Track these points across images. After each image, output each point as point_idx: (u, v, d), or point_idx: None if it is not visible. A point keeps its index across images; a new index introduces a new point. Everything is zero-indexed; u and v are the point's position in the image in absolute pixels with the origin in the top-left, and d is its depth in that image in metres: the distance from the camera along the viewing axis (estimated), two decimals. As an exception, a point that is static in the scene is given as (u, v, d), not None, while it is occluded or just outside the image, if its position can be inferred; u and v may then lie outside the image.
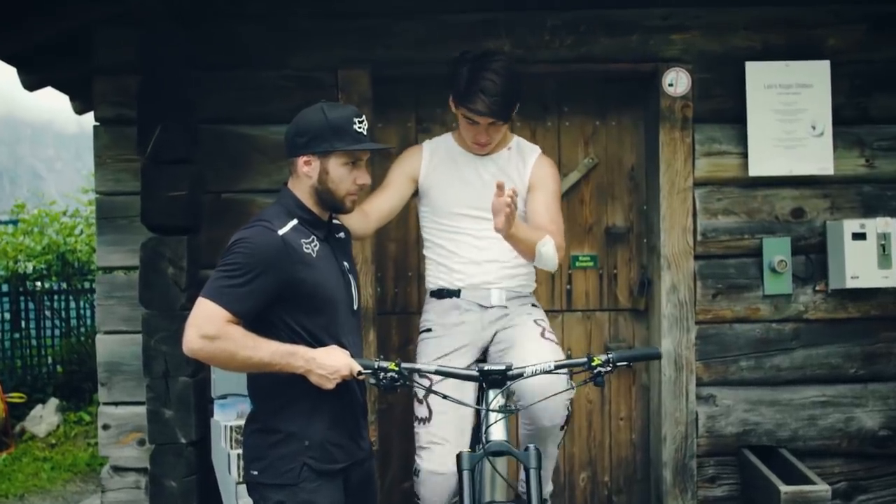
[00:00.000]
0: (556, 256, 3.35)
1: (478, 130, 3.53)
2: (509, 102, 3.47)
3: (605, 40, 4.22)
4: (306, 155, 2.99)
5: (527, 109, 4.31)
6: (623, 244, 4.45)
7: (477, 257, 3.60)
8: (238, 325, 2.86)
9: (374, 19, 4.19)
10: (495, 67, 3.45)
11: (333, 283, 3.04)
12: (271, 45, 4.18)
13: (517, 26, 4.21)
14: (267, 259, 2.86)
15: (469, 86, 3.45)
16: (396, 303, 4.45)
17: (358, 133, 2.98)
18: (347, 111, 3.02)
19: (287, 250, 2.90)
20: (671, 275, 4.21)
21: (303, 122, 3.01)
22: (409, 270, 4.44)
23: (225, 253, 2.92)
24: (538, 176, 3.61)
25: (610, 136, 4.44)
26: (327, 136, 2.96)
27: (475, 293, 3.62)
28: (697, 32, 4.22)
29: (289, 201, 3.05)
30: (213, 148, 4.15)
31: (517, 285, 3.66)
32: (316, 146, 2.98)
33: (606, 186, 4.44)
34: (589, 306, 4.46)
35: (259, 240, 2.89)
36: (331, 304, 3.01)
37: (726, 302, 4.24)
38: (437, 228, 3.68)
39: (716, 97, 4.22)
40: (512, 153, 3.66)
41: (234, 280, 2.85)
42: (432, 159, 3.70)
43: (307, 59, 4.19)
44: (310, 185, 3.01)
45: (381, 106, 4.28)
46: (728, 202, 4.23)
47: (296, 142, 3.00)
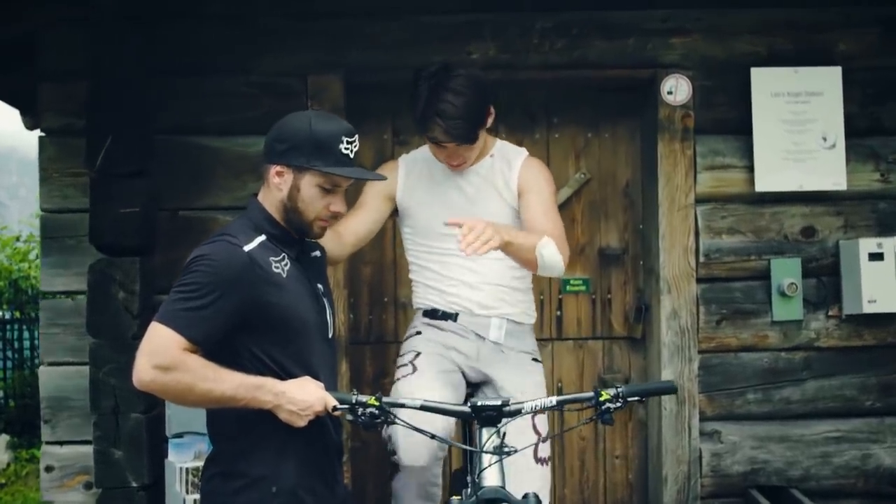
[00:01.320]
0: (560, 258, 3.15)
1: (447, 153, 3.32)
2: (473, 124, 3.25)
3: (599, 44, 4.05)
4: (280, 165, 2.74)
5: (513, 120, 4.17)
6: (618, 266, 4.27)
7: (471, 279, 3.39)
8: (196, 354, 2.60)
9: (348, 20, 4.01)
10: (454, 86, 3.21)
11: (306, 307, 2.79)
12: (235, 48, 3.98)
13: (504, 28, 4.04)
14: (230, 278, 2.61)
15: (426, 110, 3.23)
16: (371, 331, 4.25)
17: (342, 155, 2.74)
18: (337, 127, 2.77)
19: (253, 269, 2.66)
20: (671, 299, 4.03)
21: (286, 127, 2.77)
22: (385, 295, 4.24)
23: (183, 271, 2.66)
24: (526, 179, 3.38)
25: (604, 148, 4.27)
26: (306, 150, 2.72)
27: (473, 321, 3.41)
28: (699, 36, 4.07)
29: (257, 214, 2.80)
30: (171, 160, 3.93)
31: (518, 313, 3.45)
32: (292, 157, 2.73)
33: (600, 203, 4.27)
34: (581, 334, 4.27)
35: (221, 256, 2.64)
36: (303, 331, 2.77)
37: (731, 329, 4.07)
38: (422, 251, 3.48)
39: (719, 106, 4.06)
40: (495, 160, 3.44)
41: (193, 302, 2.59)
42: (409, 176, 3.50)
43: (274, 63, 3.99)
44: (279, 199, 2.78)
45: (355, 116, 3.96)
46: (733, 220, 4.07)
47: (273, 147, 2.77)
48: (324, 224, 2.82)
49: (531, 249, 3.10)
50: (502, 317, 3.41)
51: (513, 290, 3.42)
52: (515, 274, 3.38)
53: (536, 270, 3.19)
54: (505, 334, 3.40)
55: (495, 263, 3.30)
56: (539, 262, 3.13)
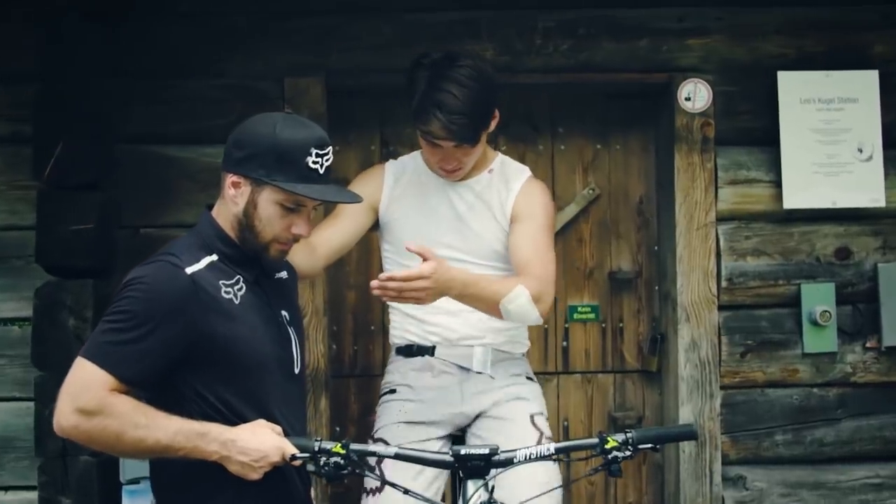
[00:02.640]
0: (533, 310, 2.89)
1: (443, 155, 3.07)
2: (478, 121, 2.99)
3: (608, 45, 3.81)
4: (237, 174, 2.45)
5: (513, 129, 3.93)
6: (630, 292, 4.02)
7: (453, 306, 3.08)
8: (127, 396, 2.32)
9: (330, 17, 3.76)
10: (458, 76, 2.96)
11: (264, 338, 2.50)
12: (204, 48, 3.74)
13: (503, 27, 3.79)
14: (168, 306, 2.33)
15: (423, 100, 2.97)
16: (356, 363, 3.97)
17: (310, 169, 2.43)
18: (306, 135, 2.46)
19: (198, 295, 2.37)
20: (690, 329, 3.77)
21: (247, 131, 2.49)
22: (372, 323, 3.97)
23: (114, 297, 2.38)
24: (523, 205, 3.14)
25: (614, 161, 4.03)
26: (267, 161, 2.42)
27: (453, 351, 3.15)
28: (719, 37, 3.83)
29: (207, 230, 2.52)
30: (131, 172, 3.69)
31: (505, 341, 3.19)
32: (250, 168, 2.44)
33: (610, 222, 4.02)
34: (589, 367, 4.02)
35: (158, 280, 2.35)
36: (258, 367, 2.47)
37: (758, 362, 3.81)
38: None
39: (742, 114, 3.83)
40: (493, 177, 3.20)
41: (124, 334, 2.31)
42: (396, 185, 3.26)
43: (248, 65, 3.74)
44: (234, 214, 2.49)
45: (338, 124, 3.82)
46: (758, 240, 3.82)
47: (231, 153, 2.49)
48: (283, 247, 2.53)
49: (493, 304, 2.87)
50: (487, 346, 3.16)
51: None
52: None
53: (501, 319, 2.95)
54: (491, 365, 3.16)
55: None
56: (505, 317, 2.90)
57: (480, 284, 2.86)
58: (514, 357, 3.23)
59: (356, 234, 3.22)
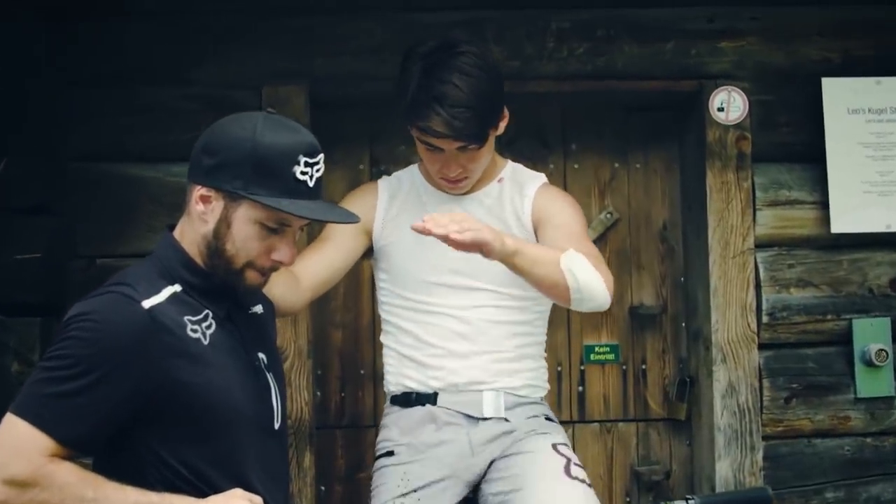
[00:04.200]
0: (599, 278, 2.64)
1: (444, 160, 2.81)
2: (484, 117, 2.74)
3: (630, 49, 3.59)
4: (207, 186, 2.14)
5: (521, 145, 3.72)
6: (654, 329, 3.81)
7: (460, 347, 2.87)
8: (70, 462, 2.00)
9: (315, 18, 3.54)
10: (460, 64, 2.72)
11: (238, 387, 2.18)
12: (172, 52, 3.51)
13: (511, 29, 3.57)
14: (120, 349, 2.00)
15: (419, 93, 2.72)
16: (344, 412, 3.72)
17: (297, 182, 2.14)
18: (293, 140, 2.17)
19: (157, 334, 2.05)
20: (726, 371, 3.53)
21: (220, 134, 2.19)
22: (363, 367, 3.71)
23: (54, 339, 2.06)
24: (544, 209, 2.92)
25: (635, 182, 3.83)
26: (245, 170, 2.11)
27: (459, 398, 2.87)
28: (755, 39, 3.63)
29: (169, 255, 2.21)
30: (87, 194, 3.44)
31: (522, 385, 2.92)
32: (224, 178, 2.13)
33: (630, 251, 3.82)
34: (609, 415, 3.79)
35: (108, 316, 2.02)
36: (232, 423, 2.15)
37: (804, 408, 3.59)
38: (400, 305, 2.96)
39: (782, 126, 3.62)
40: (505, 186, 2.96)
41: (64, 385, 1.98)
42: (391, 204, 3.02)
43: (220, 71, 3.51)
44: (202, 234, 2.17)
45: (323, 139, 3.38)
46: (803, 269, 3.61)
47: (200, 161, 2.17)
48: (259, 278, 2.21)
49: (552, 262, 2.59)
50: (499, 390, 2.90)
51: (517, 360, 2.95)
52: (523, 341, 2.91)
53: (569, 301, 2.66)
54: (505, 409, 2.89)
55: (496, 327, 2.83)
56: (571, 283, 2.60)
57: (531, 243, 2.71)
58: (531, 402, 2.97)
59: (346, 263, 2.97)
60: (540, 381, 2.99)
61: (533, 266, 2.55)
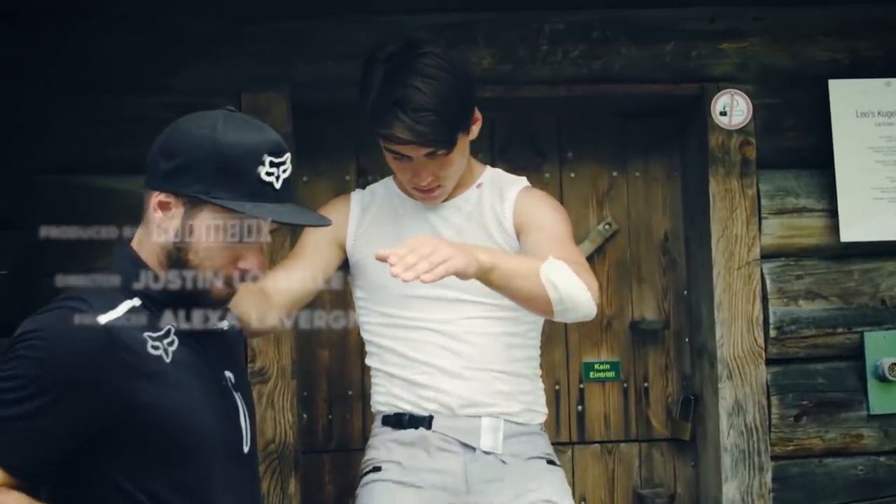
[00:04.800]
0: (582, 287, 2.48)
1: (414, 169, 2.70)
2: (451, 120, 2.63)
3: (627, 51, 3.53)
4: (165, 192, 2.02)
5: (514, 153, 3.68)
6: (656, 345, 3.75)
7: (450, 364, 2.75)
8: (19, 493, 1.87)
9: (295, 21, 3.46)
10: (422, 67, 2.62)
11: (203, 408, 2.05)
12: (146, 58, 3.42)
13: (503, 31, 3.50)
14: (74, 369, 1.87)
15: (380, 99, 2.62)
16: (331, 435, 3.64)
17: (262, 183, 2.02)
18: (257, 139, 2.05)
19: (114, 353, 1.91)
20: (732, 388, 3.46)
21: (178, 135, 2.07)
22: (350, 387, 3.63)
23: (1, 358, 1.93)
24: (526, 213, 2.79)
25: (634, 191, 3.77)
26: (206, 173, 2.00)
27: (455, 423, 2.75)
28: (758, 40, 3.57)
29: (126, 266, 2.09)
30: (57, 208, 3.33)
31: (521, 410, 2.79)
32: (183, 182, 2.01)
33: (631, 263, 3.76)
34: (610, 436, 3.73)
35: (60, 334, 1.90)
36: (199, 449, 2.02)
37: (815, 426, 3.52)
38: (381, 323, 2.85)
39: (788, 131, 3.56)
40: (484, 191, 2.85)
41: (12, 409, 1.85)
42: (364, 217, 2.92)
43: (197, 78, 3.42)
44: (163, 245, 2.06)
45: (306, 149, 3.50)
46: (812, 280, 3.54)
47: (157, 165, 2.05)
48: (225, 290, 2.09)
49: (531, 274, 2.43)
50: (497, 416, 2.77)
51: (513, 378, 2.81)
52: (516, 355, 2.78)
53: (552, 314, 2.51)
54: (503, 440, 2.76)
55: (487, 340, 2.70)
56: (553, 294, 2.45)
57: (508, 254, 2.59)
58: (530, 431, 2.84)
59: (320, 279, 2.84)
60: (538, 405, 2.87)
61: (511, 280, 2.41)
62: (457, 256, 2.18)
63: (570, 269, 2.47)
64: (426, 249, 2.15)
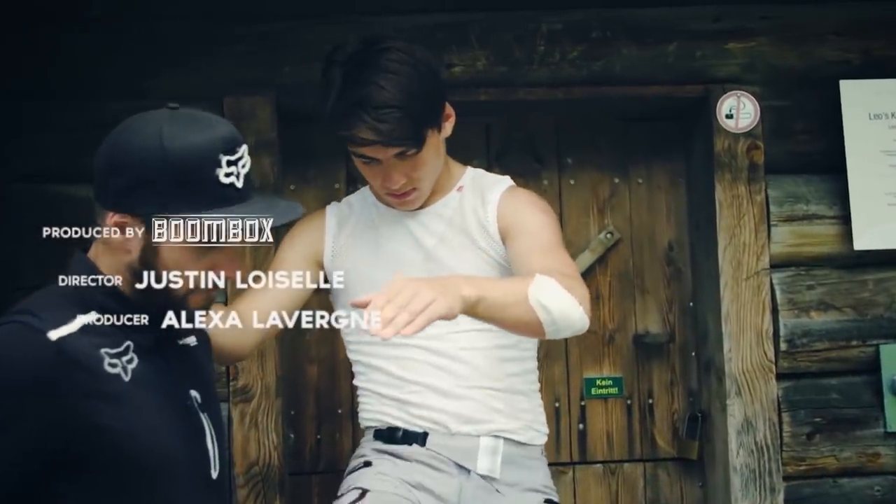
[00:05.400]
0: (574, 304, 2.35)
1: (384, 172, 2.59)
2: (417, 115, 2.53)
3: (628, 52, 3.47)
4: (120, 212, 1.90)
5: (510, 160, 3.61)
6: (661, 360, 3.70)
7: (442, 382, 2.64)
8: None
9: (281, 22, 3.40)
10: (384, 62, 2.52)
11: (166, 430, 1.93)
12: (122, 61, 3.36)
13: (497, 32, 3.44)
14: (20, 391, 1.76)
15: (339, 100, 2.51)
16: (319, 456, 3.56)
17: (222, 186, 1.91)
18: (207, 138, 1.92)
19: (66, 371, 1.79)
20: (741, 405, 3.40)
21: (121, 147, 1.94)
22: (340, 406, 3.55)
23: None
24: (511, 216, 2.67)
25: (636, 198, 3.72)
26: (159, 187, 1.88)
27: (451, 443, 2.65)
28: (766, 39, 3.51)
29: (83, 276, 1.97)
30: (28, 219, 3.20)
31: (520, 427, 2.69)
32: (137, 200, 1.89)
33: (633, 274, 3.71)
34: (613, 456, 3.66)
35: (5, 352, 1.79)
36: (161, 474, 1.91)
37: (829, 445, 3.46)
38: (366, 341, 2.73)
39: (797, 134, 3.51)
40: (465, 194, 2.73)
41: None
42: (341, 231, 2.81)
43: (177, 82, 3.36)
44: (126, 264, 1.93)
45: (293, 156, 3.47)
46: (824, 291, 3.49)
47: (106, 183, 1.92)
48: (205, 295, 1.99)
49: (520, 302, 2.29)
50: (496, 435, 2.66)
51: (510, 395, 2.71)
52: (511, 369, 2.67)
53: (545, 335, 2.39)
54: (501, 463, 2.65)
55: (479, 356, 2.58)
56: (544, 317, 2.32)
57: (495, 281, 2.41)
58: (530, 454, 2.74)
59: (298, 298, 2.73)
60: (538, 424, 2.76)
61: (500, 310, 2.27)
62: (439, 299, 2.05)
63: (559, 285, 2.35)
64: (404, 298, 2.01)
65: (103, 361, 1.83)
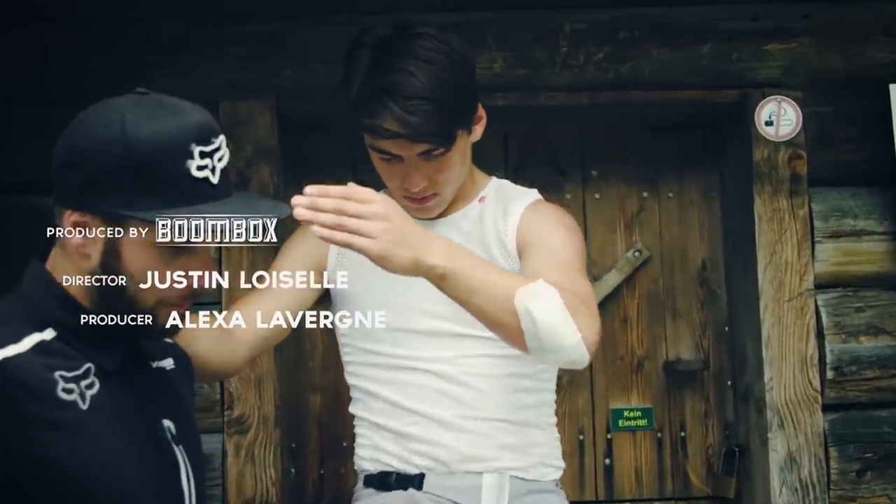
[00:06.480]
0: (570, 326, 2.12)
1: (405, 172, 2.44)
2: (450, 110, 2.38)
3: (659, 54, 3.38)
4: (79, 211, 1.74)
5: (531, 171, 3.52)
6: (694, 389, 3.59)
7: (446, 413, 2.49)
8: None
9: (281, 22, 3.32)
10: (416, 49, 2.39)
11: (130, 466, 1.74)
12: (112, 64, 3.26)
13: (516, 31, 3.36)
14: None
15: (365, 86, 2.37)
16: (322, 492, 3.46)
17: (195, 181, 1.74)
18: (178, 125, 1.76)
19: (11, 397, 1.63)
20: (784, 438, 3.27)
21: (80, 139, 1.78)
22: (345, 438, 3.40)
23: None
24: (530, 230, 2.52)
25: (667, 213, 3.63)
26: (122, 181, 1.71)
27: (451, 482, 2.48)
28: (808, 40, 3.40)
29: (38, 291, 1.79)
30: (10, 231, 3.20)
31: (531, 465, 2.52)
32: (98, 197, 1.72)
33: (664, 295, 3.61)
34: (642, 493, 3.56)
35: None
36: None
37: (880, 483, 3.31)
38: (366, 363, 2.60)
39: (843, 143, 3.40)
40: (487, 206, 2.59)
41: None
42: None
43: (171, 86, 3.13)
44: (86, 271, 1.76)
45: (294, 165, 3.37)
46: (873, 314, 3.36)
47: (64, 178, 1.76)
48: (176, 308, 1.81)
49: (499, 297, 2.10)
50: (502, 471, 2.49)
51: (522, 428, 2.55)
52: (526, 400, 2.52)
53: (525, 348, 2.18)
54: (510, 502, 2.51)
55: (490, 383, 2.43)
56: (526, 326, 2.11)
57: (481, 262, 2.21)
58: (543, 488, 2.56)
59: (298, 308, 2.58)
60: (552, 458, 2.59)
61: (471, 296, 2.08)
62: (378, 242, 1.89)
63: (559, 299, 2.15)
64: (353, 207, 1.87)
65: (57, 386, 1.65)
